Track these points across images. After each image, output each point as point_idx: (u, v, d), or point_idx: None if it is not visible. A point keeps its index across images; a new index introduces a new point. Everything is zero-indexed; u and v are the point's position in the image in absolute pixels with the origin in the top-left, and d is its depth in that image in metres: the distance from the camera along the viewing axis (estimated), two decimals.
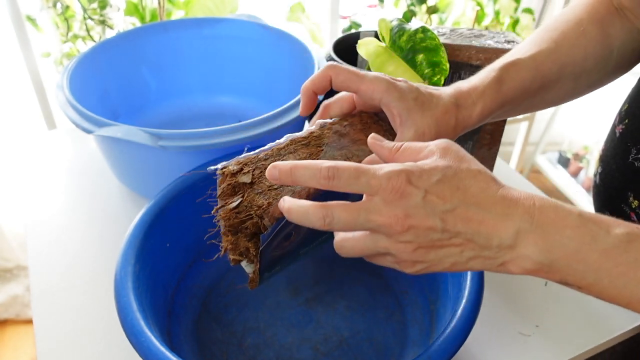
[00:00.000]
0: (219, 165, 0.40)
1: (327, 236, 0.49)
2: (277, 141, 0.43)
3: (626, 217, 0.56)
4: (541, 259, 0.34)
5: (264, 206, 0.39)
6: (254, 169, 0.40)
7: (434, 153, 0.36)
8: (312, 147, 0.43)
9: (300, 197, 0.39)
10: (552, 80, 0.53)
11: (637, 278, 0.33)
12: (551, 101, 0.56)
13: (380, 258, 0.38)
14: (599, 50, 0.54)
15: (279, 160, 0.41)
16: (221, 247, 0.41)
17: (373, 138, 0.39)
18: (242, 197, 0.39)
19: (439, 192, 0.34)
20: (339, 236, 0.38)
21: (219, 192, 0.40)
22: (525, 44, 0.54)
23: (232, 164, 0.40)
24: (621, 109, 0.62)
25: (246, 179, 0.40)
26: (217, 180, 0.41)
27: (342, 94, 0.46)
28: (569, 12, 0.56)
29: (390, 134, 0.46)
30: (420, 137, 0.44)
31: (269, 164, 0.40)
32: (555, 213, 0.35)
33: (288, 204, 0.36)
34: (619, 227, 0.34)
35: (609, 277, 0.34)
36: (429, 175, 0.34)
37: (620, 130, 0.60)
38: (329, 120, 0.45)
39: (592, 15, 0.55)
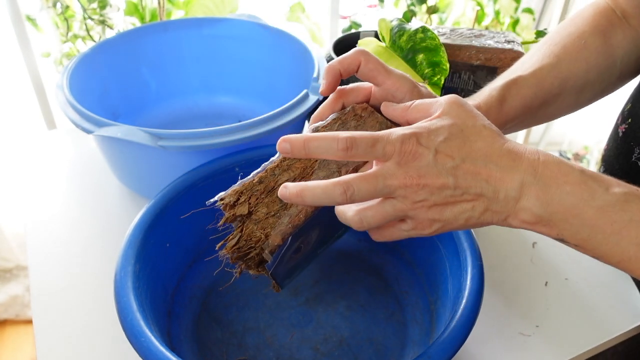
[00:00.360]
0: (217, 197, 0.41)
1: (343, 231, 0.48)
2: (271, 159, 0.42)
3: None
4: (540, 212, 0.36)
5: (262, 239, 0.40)
6: (250, 197, 0.40)
7: (442, 106, 0.38)
8: (306, 159, 0.42)
9: (298, 221, 0.40)
10: (554, 95, 0.53)
11: (629, 237, 0.34)
12: (553, 114, 0.56)
13: (395, 230, 0.39)
14: (602, 61, 0.54)
15: (272, 181, 0.41)
16: (236, 272, 0.42)
17: (385, 105, 0.42)
18: (241, 231, 0.40)
19: (446, 150, 0.36)
20: (352, 211, 0.38)
21: (220, 226, 0.41)
22: (526, 60, 0.54)
23: (228, 195, 0.40)
24: (624, 108, 0.62)
25: (243, 210, 0.40)
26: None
27: (360, 83, 0.46)
28: (570, 25, 0.56)
29: (386, 125, 0.45)
30: None
31: (263, 188, 0.41)
32: (558, 168, 0.36)
33: (296, 189, 0.36)
34: (619, 186, 0.36)
35: (602, 234, 0.35)
36: (436, 134, 0.36)
37: (623, 130, 0.60)
38: (321, 123, 0.44)
39: (594, 27, 0.54)
